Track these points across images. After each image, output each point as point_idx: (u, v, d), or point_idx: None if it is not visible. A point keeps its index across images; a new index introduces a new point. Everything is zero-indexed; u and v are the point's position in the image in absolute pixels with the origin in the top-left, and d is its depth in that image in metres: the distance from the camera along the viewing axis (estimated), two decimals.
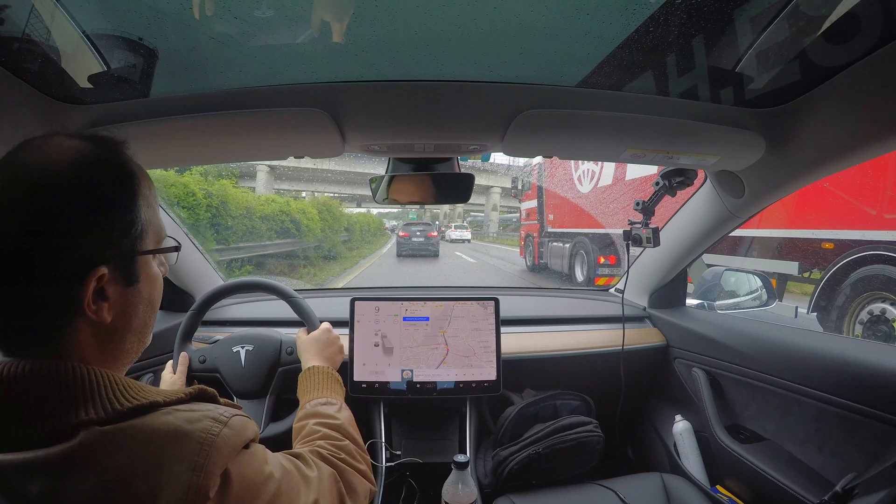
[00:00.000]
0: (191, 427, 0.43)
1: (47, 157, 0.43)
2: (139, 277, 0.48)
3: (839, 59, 0.66)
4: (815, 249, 3.99)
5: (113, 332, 0.47)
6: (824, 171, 0.88)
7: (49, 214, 0.41)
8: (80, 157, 0.44)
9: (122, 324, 0.47)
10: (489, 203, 28.12)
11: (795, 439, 1.03)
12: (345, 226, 15.05)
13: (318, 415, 0.77)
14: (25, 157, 0.43)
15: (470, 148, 0.92)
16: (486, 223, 30.06)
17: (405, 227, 15.03)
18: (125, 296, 0.47)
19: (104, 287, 0.44)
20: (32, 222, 0.41)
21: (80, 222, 0.42)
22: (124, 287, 0.47)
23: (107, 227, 0.44)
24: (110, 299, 0.45)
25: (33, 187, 0.41)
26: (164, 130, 0.81)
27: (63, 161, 0.43)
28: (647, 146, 0.88)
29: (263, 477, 0.48)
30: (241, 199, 7.79)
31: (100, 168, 0.45)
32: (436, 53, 0.71)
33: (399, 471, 1.15)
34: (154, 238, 0.50)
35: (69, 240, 0.42)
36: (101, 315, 0.44)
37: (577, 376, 1.36)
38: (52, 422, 0.40)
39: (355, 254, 14.12)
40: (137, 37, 0.65)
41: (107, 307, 0.45)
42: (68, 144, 0.45)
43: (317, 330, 1.02)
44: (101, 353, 0.46)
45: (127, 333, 0.48)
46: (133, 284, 0.48)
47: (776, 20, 0.63)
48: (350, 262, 12.12)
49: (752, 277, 1.87)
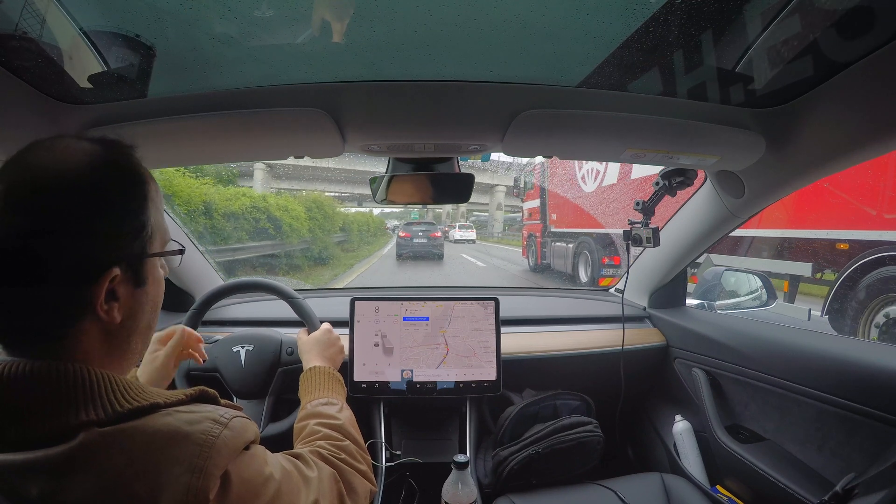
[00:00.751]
0: (191, 429, 0.43)
1: (59, 160, 0.43)
2: (147, 279, 0.49)
3: (839, 59, 0.66)
4: (829, 250, 3.84)
5: (120, 333, 0.47)
6: (824, 171, 0.88)
7: (61, 215, 0.41)
8: (93, 159, 0.45)
9: (129, 324, 0.48)
10: (493, 202, 27.25)
11: (795, 439, 1.03)
12: (340, 225, 13.83)
13: (319, 415, 0.77)
14: (36, 159, 0.43)
15: (470, 148, 0.92)
16: (491, 223, 28.55)
17: (406, 226, 13.95)
18: (134, 297, 0.48)
19: (115, 288, 0.45)
20: (44, 223, 0.41)
21: (92, 224, 0.43)
22: (134, 288, 0.47)
23: (119, 230, 0.45)
24: (120, 300, 0.45)
25: (45, 188, 0.42)
26: (164, 130, 0.81)
27: (75, 163, 0.43)
28: (647, 146, 0.88)
29: (263, 478, 0.48)
30: (194, 191, 6.48)
31: (112, 171, 0.46)
32: (436, 53, 0.71)
33: (399, 471, 1.15)
34: (160, 241, 0.51)
35: (80, 241, 0.42)
36: (111, 315, 0.45)
37: (577, 376, 1.36)
38: (53, 422, 0.40)
39: (351, 256, 12.96)
40: (135, 34, 0.65)
41: (117, 307, 0.45)
42: (79, 147, 0.45)
43: (318, 330, 1.02)
44: (106, 353, 0.46)
45: (133, 334, 0.49)
46: (142, 286, 0.48)
47: (776, 20, 0.63)
48: (343, 266, 10.91)
49: (752, 277, 1.87)
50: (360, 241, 16.86)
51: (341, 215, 14.94)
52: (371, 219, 21.49)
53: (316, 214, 11.19)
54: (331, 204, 13.39)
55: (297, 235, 9.81)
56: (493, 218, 28.18)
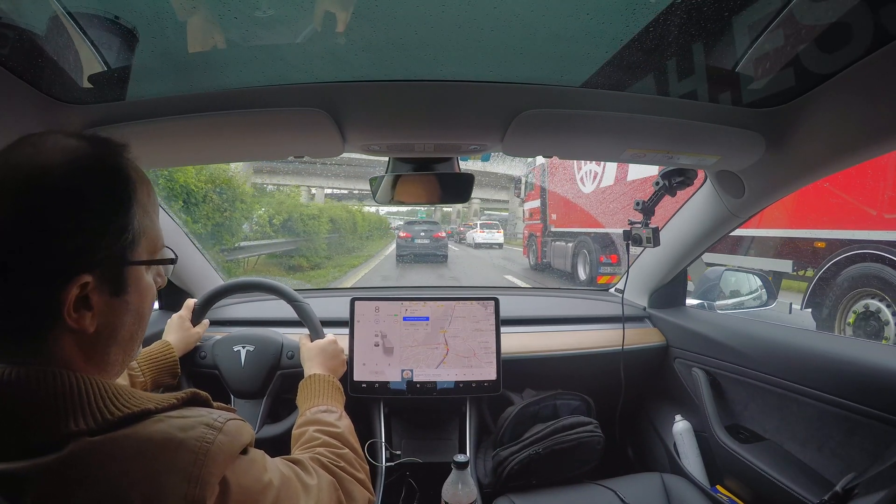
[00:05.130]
0: (184, 435, 0.41)
1: (40, 155, 0.41)
2: (128, 288, 0.46)
3: (839, 59, 0.66)
4: (808, 248, 4.19)
5: (96, 343, 0.44)
6: (824, 171, 0.88)
7: (32, 213, 0.39)
8: (74, 156, 0.43)
9: (106, 334, 0.45)
10: (516, 199, 22.11)
11: (795, 439, 1.03)
12: (316, 217, 10.77)
13: (319, 422, 0.77)
14: (18, 153, 0.42)
15: (470, 148, 0.92)
16: (513, 221, 22.79)
17: (407, 226, 13.01)
18: (111, 306, 0.45)
19: (88, 295, 0.42)
20: (10, 220, 0.39)
21: (64, 224, 0.40)
22: (110, 297, 0.44)
23: (94, 232, 0.42)
24: (94, 309, 0.43)
25: (19, 184, 0.40)
26: (164, 130, 0.81)
27: (55, 159, 0.41)
28: (647, 146, 0.88)
29: (262, 485, 0.47)
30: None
31: (93, 169, 0.43)
32: (436, 53, 0.71)
33: (399, 471, 1.15)
34: (149, 248, 0.48)
35: (50, 241, 0.40)
36: (82, 324, 0.42)
37: (577, 376, 1.36)
38: (42, 432, 0.38)
39: (333, 264, 10.41)
40: (114, 15, 0.61)
41: (90, 317, 0.42)
42: (64, 143, 0.43)
43: (323, 340, 1.02)
44: (85, 362, 0.44)
45: (111, 345, 0.46)
46: (121, 295, 0.45)
47: (776, 20, 0.63)
48: (325, 276, 9.11)
49: (752, 277, 1.87)
50: (348, 246, 12.90)
51: (316, 207, 11.98)
52: (355, 213, 15.55)
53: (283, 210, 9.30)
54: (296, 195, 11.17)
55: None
56: (516, 216, 21.54)
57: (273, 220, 9.27)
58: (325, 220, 11.19)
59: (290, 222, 9.88)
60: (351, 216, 14.36)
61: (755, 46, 0.68)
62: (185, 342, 1.06)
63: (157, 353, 0.98)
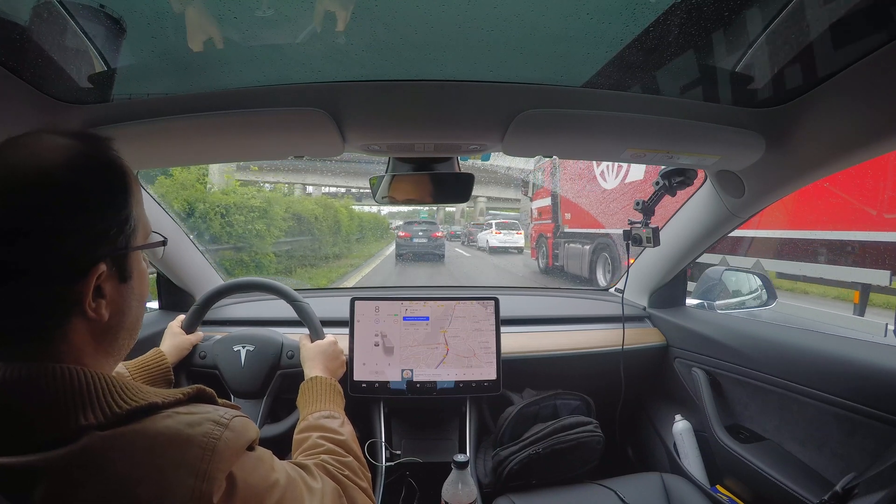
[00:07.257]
0: (192, 431, 0.42)
1: (37, 155, 0.42)
2: (132, 274, 0.48)
3: (839, 58, 0.66)
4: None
5: (108, 330, 0.47)
6: (824, 171, 0.88)
7: (40, 213, 0.40)
8: (72, 155, 0.43)
9: (116, 321, 0.47)
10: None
11: (795, 439, 1.03)
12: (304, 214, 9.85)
13: (322, 428, 0.77)
14: (13, 156, 0.42)
15: (470, 147, 0.92)
16: (526, 221, 19.03)
17: (406, 226, 13.16)
18: (120, 293, 0.47)
19: (101, 285, 0.44)
20: (21, 221, 0.40)
21: (73, 220, 0.42)
22: (119, 284, 0.47)
23: (102, 225, 0.44)
24: (107, 296, 0.45)
25: (24, 185, 0.40)
26: (164, 130, 0.81)
27: (54, 159, 0.42)
28: (647, 146, 0.88)
29: (268, 484, 0.48)
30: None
31: (92, 166, 0.45)
32: (436, 53, 0.71)
33: (399, 470, 1.15)
34: (143, 233, 0.50)
35: (61, 238, 0.41)
36: (99, 313, 0.44)
37: (577, 376, 1.36)
38: (52, 426, 0.39)
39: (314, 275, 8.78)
40: (99, 3, 0.60)
41: (104, 304, 0.45)
42: (57, 142, 0.44)
43: (324, 341, 1.02)
44: (95, 352, 0.45)
45: (121, 330, 0.48)
46: (127, 281, 0.48)
47: (776, 20, 0.63)
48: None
49: (753, 277, 1.87)
50: (347, 246, 11.60)
51: (306, 203, 10.58)
52: (342, 211, 13.56)
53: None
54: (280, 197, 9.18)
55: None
56: (529, 216, 20.15)
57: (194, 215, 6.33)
58: (278, 217, 8.38)
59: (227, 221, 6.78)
60: (332, 213, 12.22)
61: (755, 46, 0.68)
62: (178, 349, 1.07)
63: (151, 361, 0.99)
